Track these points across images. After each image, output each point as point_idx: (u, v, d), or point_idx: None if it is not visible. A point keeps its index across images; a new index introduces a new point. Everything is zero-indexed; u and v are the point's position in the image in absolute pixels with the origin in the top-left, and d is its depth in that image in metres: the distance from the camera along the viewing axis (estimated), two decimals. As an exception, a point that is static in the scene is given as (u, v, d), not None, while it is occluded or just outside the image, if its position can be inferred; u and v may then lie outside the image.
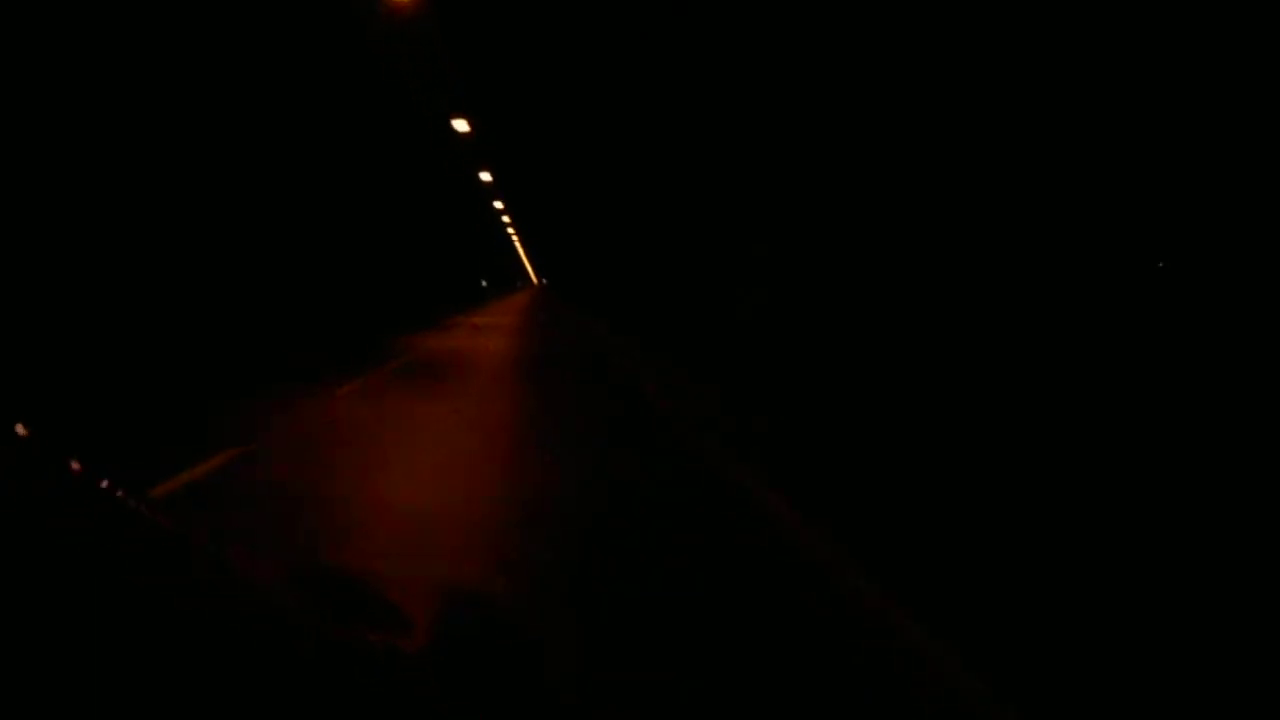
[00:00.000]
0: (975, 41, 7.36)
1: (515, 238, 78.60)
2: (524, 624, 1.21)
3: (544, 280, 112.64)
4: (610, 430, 7.34)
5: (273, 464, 5.45)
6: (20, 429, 0.73)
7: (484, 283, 71.95)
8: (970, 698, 2.92)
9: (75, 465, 0.75)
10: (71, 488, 0.74)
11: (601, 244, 29.99)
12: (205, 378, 10.12)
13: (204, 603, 0.71)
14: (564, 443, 6.62)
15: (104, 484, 0.75)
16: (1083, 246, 6.73)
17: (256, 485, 4.89)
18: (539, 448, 6.35)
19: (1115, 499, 4.61)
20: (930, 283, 8.42)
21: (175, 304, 13.68)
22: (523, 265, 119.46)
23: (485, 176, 37.81)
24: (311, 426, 6.90)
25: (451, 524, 4.21)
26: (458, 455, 5.90)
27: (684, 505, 4.79)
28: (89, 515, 0.71)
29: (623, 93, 17.93)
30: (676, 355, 13.76)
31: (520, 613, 1.30)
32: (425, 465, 5.56)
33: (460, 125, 26.34)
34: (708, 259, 15.55)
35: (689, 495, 5.03)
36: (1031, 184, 7.07)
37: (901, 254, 8.86)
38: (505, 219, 59.91)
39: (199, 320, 14.17)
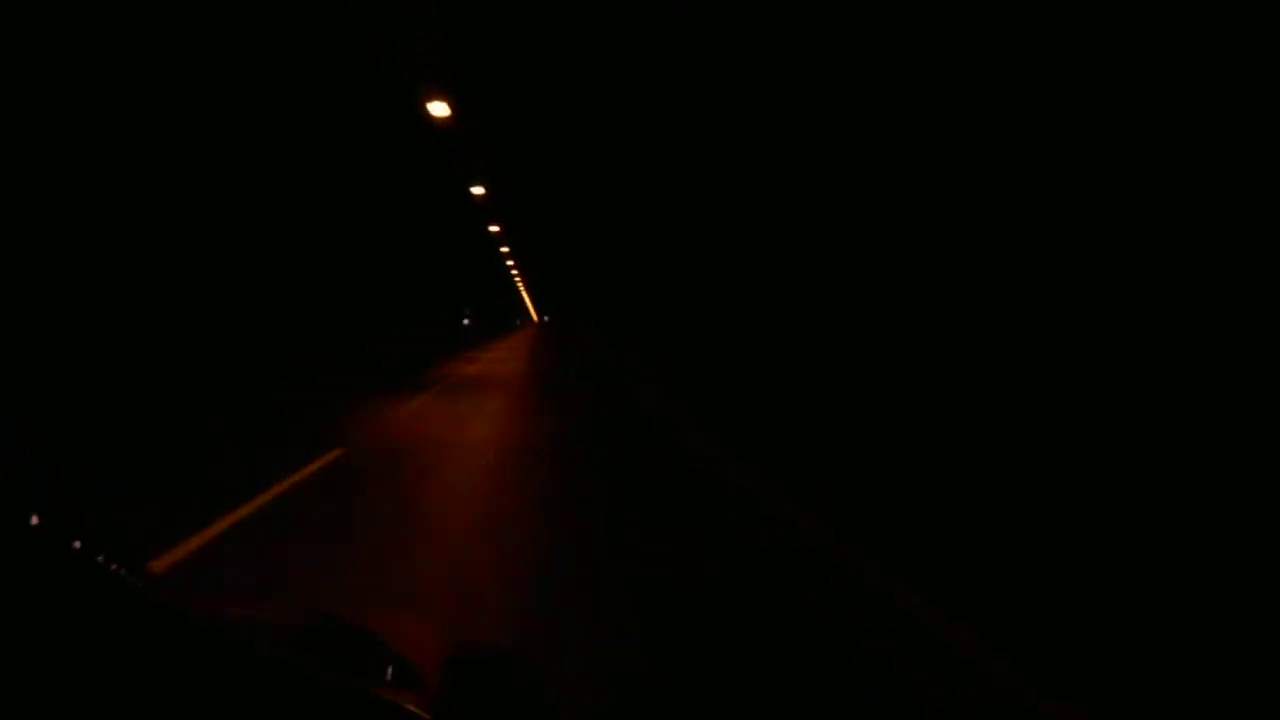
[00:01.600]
0: (974, 41, 7.28)
1: (519, 279, 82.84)
2: (536, 684, 1.23)
3: (545, 318, 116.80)
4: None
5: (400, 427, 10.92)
6: (34, 519, 0.78)
7: (465, 319, 58.56)
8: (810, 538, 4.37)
9: (76, 544, 0.79)
10: (72, 568, 0.77)
11: (607, 273, 32.83)
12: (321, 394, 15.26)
13: (197, 678, 0.73)
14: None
15: (100, 559, 0.80)
16: (1084, 248, 6.41)
17: (398, 433, 10.42)
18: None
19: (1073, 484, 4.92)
20: (928, 283, 8.44)
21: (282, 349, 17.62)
22: (524, 304, 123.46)
23: (494, 228, 41.95)
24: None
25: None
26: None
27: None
28: (86, 597, 0.74)
29: (625, 122, 19.24)
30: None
31: (533, 670, 1.32)
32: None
33: (476, 190, 30.53)
34: (709, 266, 16.41)
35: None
36: (1032, 185, 6.83)
37: (901, 254, 8.93)
38: (510, 263, 63.95)
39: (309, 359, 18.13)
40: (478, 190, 30.43)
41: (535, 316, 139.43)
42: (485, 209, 35.36)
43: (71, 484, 6.71)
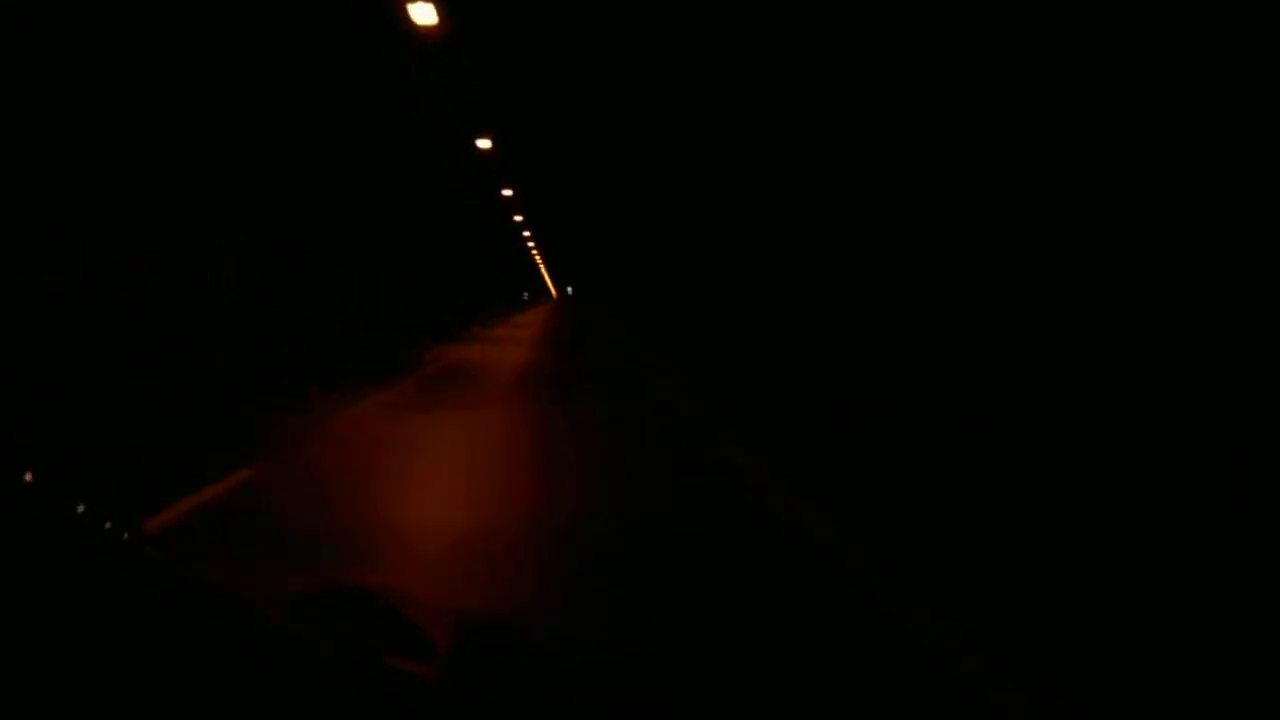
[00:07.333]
0: (970, 43, 7.28)
1: (535, 251, 79.13)
2: (542, 651, 1.24)
3: (568, 289, 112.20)
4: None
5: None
6: (29, 477, 0.78)
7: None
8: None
9: (81, 508, 0.78)
10: (76, 531, 0.77)
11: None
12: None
13: (203, 640, 0.72)
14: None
15: (108, 525, 0.79)
16: (1088, 250, 6.48)
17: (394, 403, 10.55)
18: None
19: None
20: (925, 282, 8.73)
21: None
22: (541, 278, 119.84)
23: (507, 192, 37.88)
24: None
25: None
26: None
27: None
28: (90, 559, 0.74)
29: (639, 91, 18.20)
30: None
31: (538, 636, 1.36)
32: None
33: (483, 144, 26.37)
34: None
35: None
36: (1025, 186, 6.90)
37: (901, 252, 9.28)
38: (526, 233, 60.13)
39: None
40: (484, 144, 26.27)
41: (554, 292, 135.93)
42: (494, 167, 31.17)
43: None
